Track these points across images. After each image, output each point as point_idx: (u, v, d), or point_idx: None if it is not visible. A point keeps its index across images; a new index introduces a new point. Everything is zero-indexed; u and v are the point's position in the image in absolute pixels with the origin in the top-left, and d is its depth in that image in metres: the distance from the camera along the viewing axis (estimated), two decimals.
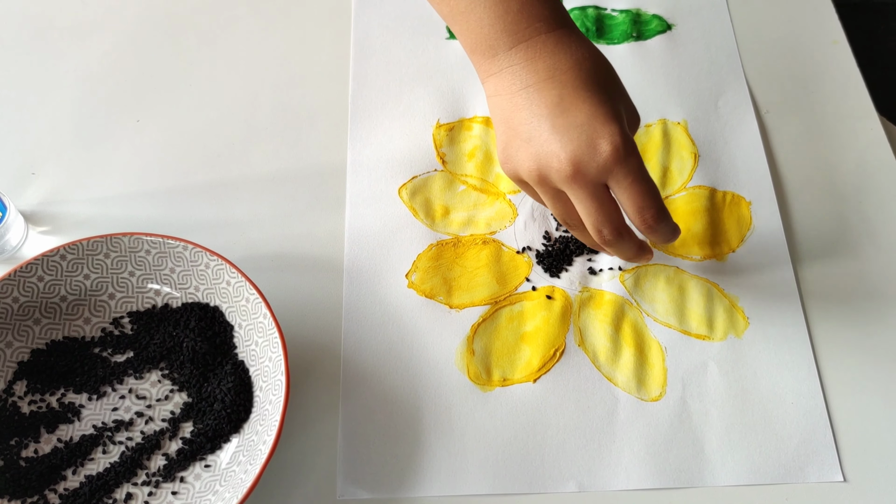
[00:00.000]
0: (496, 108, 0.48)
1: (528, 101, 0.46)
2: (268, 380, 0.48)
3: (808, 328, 0.54)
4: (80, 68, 0.64)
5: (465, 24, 0.48)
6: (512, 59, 0.47)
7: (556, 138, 0.45)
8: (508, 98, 0.47)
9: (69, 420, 0.49)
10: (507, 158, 0.48)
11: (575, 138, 0.44)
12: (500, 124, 0.48)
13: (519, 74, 0.47)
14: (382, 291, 0.54)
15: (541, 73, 0.46)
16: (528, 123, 0.46)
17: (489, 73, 0.48)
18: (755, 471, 0.49)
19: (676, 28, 0.67)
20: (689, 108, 0.63)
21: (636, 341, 0.53)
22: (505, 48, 0.47)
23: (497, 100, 0.48)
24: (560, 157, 0.45)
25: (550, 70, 0.46)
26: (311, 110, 0.62)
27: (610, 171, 0.44)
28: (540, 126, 0.46)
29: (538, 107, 0.46)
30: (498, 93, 0.48)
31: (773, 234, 0.57)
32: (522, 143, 0.46)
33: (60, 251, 0.50)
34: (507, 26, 0.47)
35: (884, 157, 0.61)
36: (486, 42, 0.47)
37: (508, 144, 0.47)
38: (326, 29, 0.66)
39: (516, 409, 0.50)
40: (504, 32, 0.47)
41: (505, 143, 0.48)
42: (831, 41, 0.67)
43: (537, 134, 0.46)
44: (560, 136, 0.45)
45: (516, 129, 0.47)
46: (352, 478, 0.48)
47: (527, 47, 0.47)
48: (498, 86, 0.48)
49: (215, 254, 0.50)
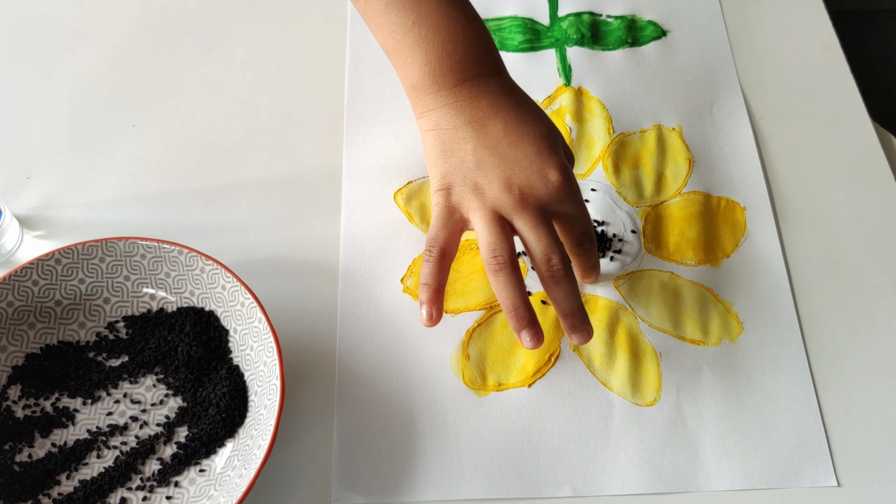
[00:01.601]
0: (435, 140, 0.49)
1: (473, 134, 0.48)
2: (263, 384, 0.48)
3: (802, 333, 0.54)
4: (76, 72, 0.64)
5: (411, 58, 0.49)
6: (456, 96, 0.49)
7: (507, 167, 0.47)
8: (450, 133, 0.49)
9: (63, 424, 0.49)
10: (446, 186, 0.49)
11: (526, 167, 0.47)
12: (441, 156, 0.49)
13: (463, 110, 0.49)
14: (378, 296, 0.54)
15: (484, 111, 0.49)
16: (475, 154, 0.48)
17: (429, 108, 0.49)
18: (749, 475, 0.49)
19: (671, 34, 0.67)
20: (683, 114, 0.63)
21: (631, 346, 0.53)
22: (449, 85, 0.49)
23: (436, 133, 0.49)
24: (512, 185, 0.47)
25: (493, 108, 0.49)
26: (306, 115, 0.62)
27: (559, 199, 0.48)
28: (490, 157, 0.48)
29: (485, 139, 0.48)
30: (438, 127, 0.49)
31: (767, 240, 0.57)
32: (469, 172, 0.48)
33: (55, 255, 0.50)
34: (453, 65, 0.49)
35: (877, 163, 0.61)
36: (429, 78, 0.49)
37: (449, 174, 0.49)
38: (322, 34, 0.66)
39: (511, 414, 0.51)
40: (450, 71, 0.49)
41: (444, 173, 0.49)
42: (825, 48, 0.67)
43: (487, 164, 0.48)
44: (511, 165, 0.47)
45: (462, 160, 0.48)
46: (347, 482, 0.48)
47: (471, 86, 0.49)
48: (439, 121, 0.49)
49: (210, 258, 0.50)
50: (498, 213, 0.47)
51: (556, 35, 0.67)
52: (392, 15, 0.49)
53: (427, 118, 0.50)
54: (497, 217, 0.47)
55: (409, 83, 0.50)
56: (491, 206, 0.47)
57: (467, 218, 0.48)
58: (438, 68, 0.48)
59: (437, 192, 0.49)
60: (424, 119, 0.50)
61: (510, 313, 0.47)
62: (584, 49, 0.66)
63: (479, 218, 0.48)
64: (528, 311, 0.47)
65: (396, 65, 0.50)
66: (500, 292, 0.47)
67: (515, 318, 0.47)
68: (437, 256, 0.48)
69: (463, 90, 0.49)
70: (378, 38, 0.51)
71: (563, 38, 0.66)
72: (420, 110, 0.50)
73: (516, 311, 0.47)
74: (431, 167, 0.50)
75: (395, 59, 0.50)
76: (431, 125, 0.49)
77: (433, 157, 0.49)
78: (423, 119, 0.50)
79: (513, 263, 0.47)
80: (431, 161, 0.50)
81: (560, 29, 0.67)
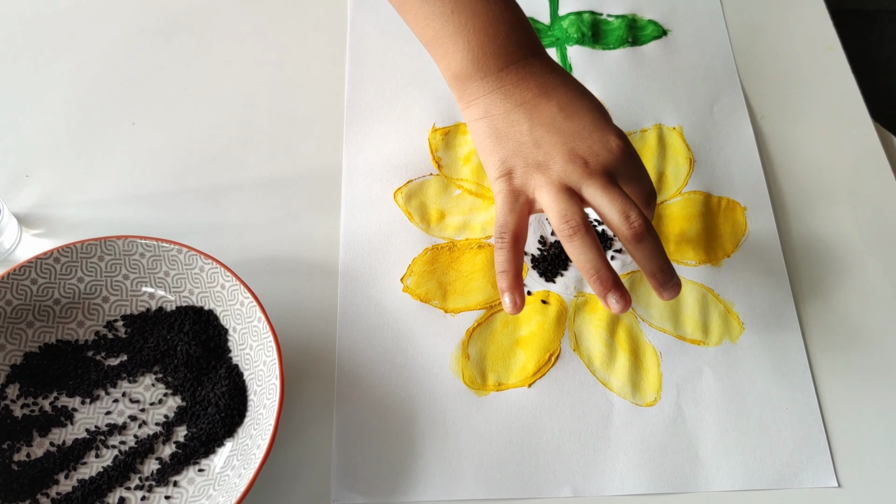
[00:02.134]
0: (488, 128, 0.48)
1: (526, 115, 0.48)
2: (262, 384, 0.48)
3: (802, 333, 0.54)
4: (75, 70, 0.64)
5: (453, 47, 0.48)
6: (502, 81, 0.48)
7: (567, 140, 0.47)
8: (502, 117, 0.48)
9: (62, 424, 0.49)
10: (507, 171, 0.48)
11: (586, 137, 0.47)
12: (496, 143, 0.48)
13: (511, 93, 0.48)
14: (377, 295, 0.54)
15: (534, 91, 0.48)
16: (532, 133, 0.47)
17: (476, 96, 0.49)
18: (750, 476, 0.49)
19: (672, 34, 0.67)
20: (684, 114, 0.63)
21: (631, 346, 0.53)
22: (494, 70, 0.48)
23: (488, 120, 0.48)
24: (575, 155, 0.46)
25: (542, 87, 0.48)
26: (306, 114, 0.62)
27: (623, 163, 0.47)
28: (548, 134, 0.47)
29: (539, 118, 0.47)
30: (489, 113, 0.48)
31: (768, 240, 0.57)
32: (529, 152, 0.47)
33: (54, 254, 0.50)
34: (496, 50, 0.48)
35: (878, 164, 0.61)
36: (474, 65, 0.48)
37: (508, 158, 0.48)
38: (322, 32, 0.66)
39: (511, 414, 0.50)
40: (494, 56, 0.48)
41: (503, 158, 0.48)
42: (826, 48, 0.67)
43: (546, 141, 0.47)
44: (571, 137, 0.47)
45: (519, 142, 0.48)
46: (346, 482, 0.48)
47: (517, 69, 0.48)
48: (489, 107, 0.48)
49: (210, 257, 0.50)
50: (565, 184, 0.46)
51: (556, 34, 0.67)
52: (429, 5, 0.48)
53: (475, 107, 0.49)
54: (565, 187, 0.46)
55: (453, 73, 0.49)
56: (557, 179, 0.46)
57: (533, 199, 0.47)
58: (482, 54, 0.48)
59: (498, 179, 0.48)
60: (472, 108, 0.49)
61: (592, 277, 0.45)
62: (584, 48, 0.66)
63: (545, 192, 0.46)
64: (610, 273, 0.45)
65: (437, 55, 0.50)
66: (578, 257, 0.45)
67: (599, 282, 0.45)
68: (510, 242, 0.46)
69: (509, 74, 0.48)
70: (416, 30, 0.50)
71: (564, 37, 0.66)
72: (467, 100, 0.49)
73: (598, 274, 0.45)
74: (487, 155, 0.49)
75: (436, 50, 0.50)
76: (481, 113, 0.49)
77: (487, 144, 0.49)
78: (471, 108, 0.49)
79: (587, 226, 0.45)
80: (486, 149, 0.49)
81: (560, 28, 0.67)
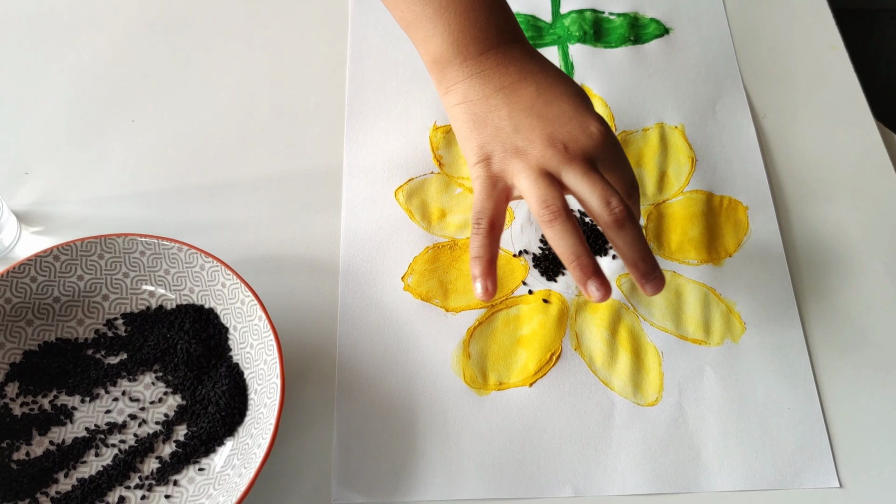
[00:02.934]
0: (466, 113, 0.48)
1: (505, 100, 0.47)
2: (263, 383, 0.48)
3: (804, 333, 0.54)
4: (74, 67, 0.64)
5: (432, 30, 0.48)
6: (482, 65, 0.48)
7: (547, 125, 0.46)
8: (481, 102, 0.48)
9: (61, 422, 0.49)
10: (485, 156, 0.47)
11: (565, 122, 0.46)
12: (474, 128, 0.47)
13: (491, 78, 0.48)
14: (378, 294, 0.54)
15: (513, 76, 0.48)
16: (511, 118, 0.47)
17: (454, 80, 0.48)
18: (751, 476, 0.49)
19: (674, 32, 0.67)
20: (686, 113, 0.63)
21: (633, 346, 0.53)
22: (474, 55, 0.48)
23: (466, 106, 0.48)
24: (555, 140, 0.46)
25: (521, 72, 0.48)
26: (307, 112, 0.62)
27: (603, 149, 0.46)
28: (527, 118, 0.46)
29: (518, 102, 0.47)
30: (467, 98, 0.48)
31: (770, 239, 0.57)
32: (508, 137, 0.46)
33: (54, 252, 0.50)
34: (476, 34, 0.48)
35: (880, 163, 0.61)
36: (453, 49, 0.48)
37: (486, 144, 0.47)
38: (323, 30, 0.66)
39: (512, 414, 0.50)
40: (473, 40, 0.48)
41: (480, 143, 0.47)
42: (829, 47, 0.67)
43: (525, 125, 0.46)
44: (551, 122, 0.46)
45: (498, 126, 0.47)
46: (347, 482, 0.48)
47: (496, 54, 0.48)
48: (467, 92, 0.48)
49: (210, 255, 0.50)
50: (545, 169, 0.45)
51: (558, 32, 0.66)
52: None
53: (454, 92, 0.48)
54: (544, 173, 0.45)
55: (432, 57, 0.49)
56: (536, 164, 0.45)
57: (512, 184, 0.46)
58: (462, 38, 0.47)
59: (476, 164, 0.47)
60: (451, 93, 0.49)
61: (572, 263, 0.44)
62: (586, 46, 0.65)
63: (524, 178, 0.45)
64: (591, 259, 0.44)
65: (416, 39, 0.49)
66: (558, 243, 0.44)
67: (579, 268, 0.44)
68: (486, 228, 0.45)
69: (489, 58, 0.48)
70: (395, 13, 0.50)
71: (566, 36, 0.66)
72: (446, 84, 0.49)
73: (579, 260, 0.44)
74: (465, 141, 0.48)
75: (415, 33, 0.49)
76: (459, 98, 0.48)
77: (465, 130, 0.48)
78: (450, 93, 0.49)
79: (567, 211, 0.44)
80: (464, 135, 0.48)
81: (562, 26, 0.67)
